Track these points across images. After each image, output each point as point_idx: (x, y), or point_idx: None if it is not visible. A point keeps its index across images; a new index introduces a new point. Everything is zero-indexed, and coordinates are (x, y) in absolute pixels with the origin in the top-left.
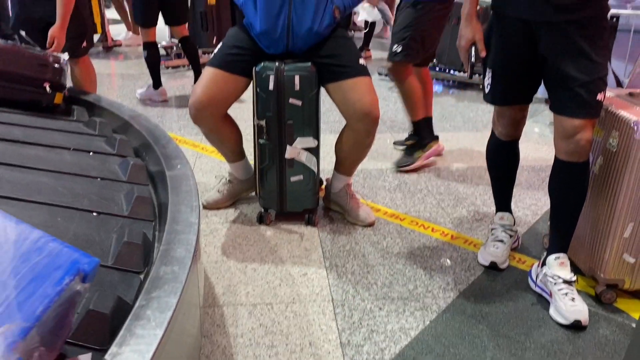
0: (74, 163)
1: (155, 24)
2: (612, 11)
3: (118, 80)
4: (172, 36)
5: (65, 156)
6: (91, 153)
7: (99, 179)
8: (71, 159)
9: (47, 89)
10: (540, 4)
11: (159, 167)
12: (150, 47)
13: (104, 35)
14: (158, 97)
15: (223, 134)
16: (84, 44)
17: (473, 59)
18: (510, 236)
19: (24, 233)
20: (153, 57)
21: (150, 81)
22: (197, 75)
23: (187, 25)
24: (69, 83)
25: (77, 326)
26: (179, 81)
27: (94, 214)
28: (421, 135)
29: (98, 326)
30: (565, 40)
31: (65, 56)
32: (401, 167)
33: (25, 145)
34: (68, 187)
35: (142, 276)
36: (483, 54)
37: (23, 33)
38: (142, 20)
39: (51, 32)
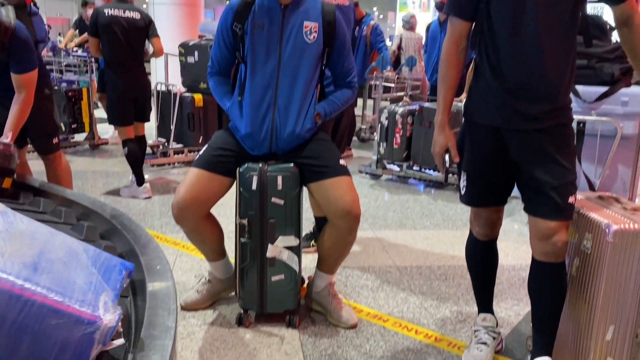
0: None
1: (132, 121)
2: (579, 117)
3: (102, 178)
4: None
5: None
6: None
7: None
8: None
9: None
10: (510, 114)
11: (139, 275)
12: (130, 144)
13: (92, 133)
14: (142, 194)
15: (205, 234)
16: (55, 140)
17: (447, 164)
18: (494, 338)
19: (84, 245)
20: (133, 153)
21: (134, 183)
22: (138, 178)
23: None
24: (44, 178)
25: None
26: (163, 179)
27: None
28: (321, 229)
29: None
30: (534, 147)
31: (6, 140)
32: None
33: None
34: None
35: None
36: (456, 159)
37: None
38: (120, 120)
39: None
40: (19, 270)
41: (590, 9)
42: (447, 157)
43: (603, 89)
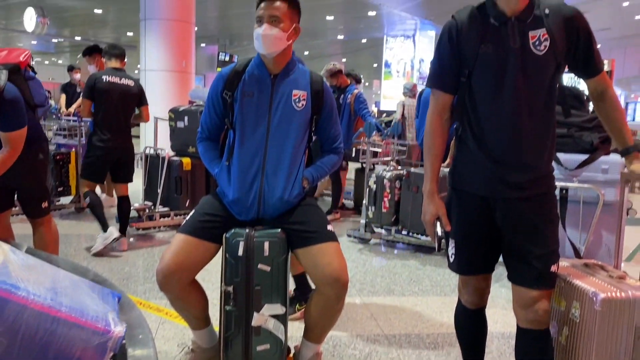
0: None
1: (102, 181)
2: (561, 184)
3: (87, 242)
4: (105, 192)
5: None
6: None
7: None
8: None
9: None
10: (495, 182)
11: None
12: (91, 194)
13: (78, 196)
14: (110, 237)
15: (189, 301)
16: (44, 204)
17: (440, 233)
18: None
19: (80, 278)
20: (94, 202)
21: (101, 232)
22: (123, 229)
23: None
24: (30, 244)
25: None
26: (148, 242)
27: None
28: (302, 289)
29: None
30: (518, 216)
31: None
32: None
33: None
34: None
35: None
36: (448, 228)
37: None
38: (93, 176)
39: None
40: (45, 294)
41: (567, 79)
42: (438, 225)
43: (583, 157)
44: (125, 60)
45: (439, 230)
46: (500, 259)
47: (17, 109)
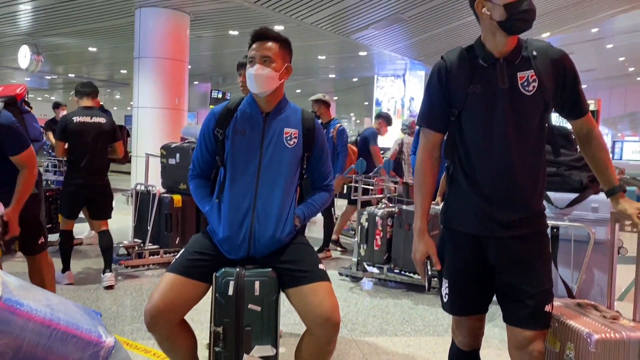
0: None
1: (77, 217)
2: (552, 222)
3: (74, 280)
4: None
5: None
6: None
7: None
8: None
9: None
10: (487, 221)
11: None
12: (66, 234)
13: None
14: (63, 280)
15: (177, 342)
16: (41, 240)
17: (430, 272)
18: None
19: (65, 301)
20: (66, 245)
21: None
22: (107, 264)
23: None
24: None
25: None
26: (136, 281)
27: None
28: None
29: None
30: (511, 255)
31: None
32: None
33: None
34: None
35: None
36: (438, 267)
37: None
38: (67, 212)
39: (6, 214)
40: (44, 309)
41: (555, 118)
42: (428, 264)
43: (573, 195)
44: (98, 97)
45: (429, 269)
46: (494, 298)
47: (17, 132)
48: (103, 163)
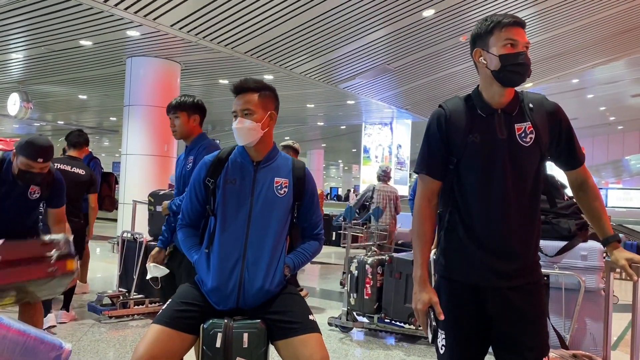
0: None
1: None
2: (543, 271)
3: (60, 330)
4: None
5: None
6: None
7: None
8: None
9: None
10: (484, 271)
11: None
12: None
13: None
14: (46, 323)
15: None
16: None
17: (433, 323)
18: None
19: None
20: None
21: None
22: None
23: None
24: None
25: None
26: (120, 332)
27: None
28: None
29: None
30: (509, 305)
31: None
32: None
33: None
34: None
35: None
36: (441, 317)
37: None
38: None
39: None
40: (17, 323)
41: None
42: (432, 314)
43: (562, 243)
44: (85, 148)
45: (432, 319)
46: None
47: (63, 189)
48: (77, 209)
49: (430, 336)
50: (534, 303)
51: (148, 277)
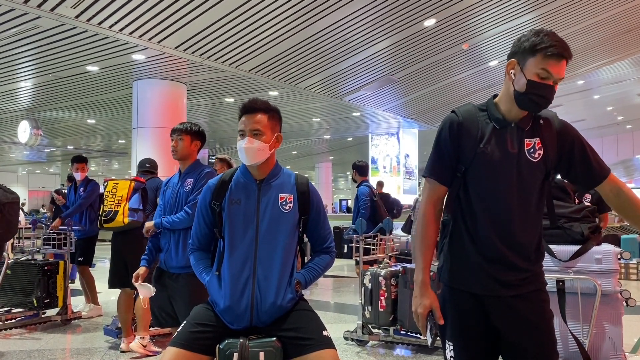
0: None
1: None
2: (557, 276)
3: (72, 357)
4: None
5: None
6: None
7: None
8: None
9: None
10: (487, 281)
11: None
12: None
13: (65, 308)
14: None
15: None
16: None
17: (433, 327)
18: None
19: None
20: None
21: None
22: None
23: None
24: None
25: None
26: (137, 355)
27: None
28: None
29: None
30: (514, 314)
31: None
32: None
33: None
34: None
35: None
36: (441, 321)
37: None
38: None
39: None
40: None
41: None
42: (431, 319)
43: (575, 248)
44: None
45: (432, 324)
46: None
47: None
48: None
49: (430, 340)
50: (540, 311)
51: (140, 296)
